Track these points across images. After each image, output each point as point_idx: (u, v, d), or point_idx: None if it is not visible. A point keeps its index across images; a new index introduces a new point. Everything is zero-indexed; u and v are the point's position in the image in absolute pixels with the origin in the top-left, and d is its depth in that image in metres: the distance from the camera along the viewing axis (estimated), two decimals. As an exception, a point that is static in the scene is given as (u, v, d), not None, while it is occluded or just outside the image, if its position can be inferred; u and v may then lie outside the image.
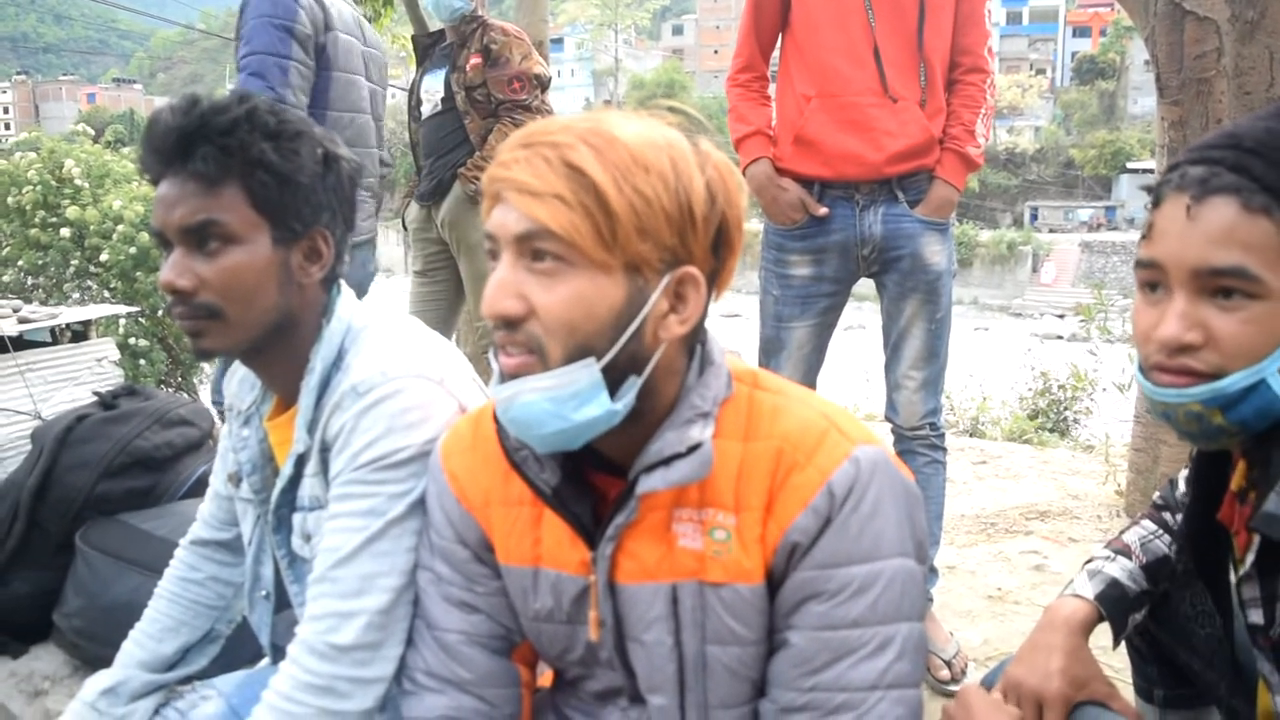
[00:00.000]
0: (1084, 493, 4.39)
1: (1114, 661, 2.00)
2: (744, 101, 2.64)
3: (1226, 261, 1.06)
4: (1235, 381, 1.07)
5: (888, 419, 2.70)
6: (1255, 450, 1.16)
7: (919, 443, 2.64)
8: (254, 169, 1.34)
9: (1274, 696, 1.17)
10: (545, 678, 1.41)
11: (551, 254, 1.03)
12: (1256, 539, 1.13)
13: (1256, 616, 1.16)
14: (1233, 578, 1.25)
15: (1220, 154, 1.09)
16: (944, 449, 2.68)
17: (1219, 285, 1.07)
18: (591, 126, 1.05)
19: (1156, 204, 1.14)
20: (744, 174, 2.58)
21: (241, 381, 1.61)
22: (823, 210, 2.49)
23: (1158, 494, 1.56)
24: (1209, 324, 1.08)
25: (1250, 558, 1.14)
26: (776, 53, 2.67)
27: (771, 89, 2.69)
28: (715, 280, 1.13)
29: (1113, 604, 1.39)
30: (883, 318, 2.62)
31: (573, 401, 1.05)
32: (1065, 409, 7.43)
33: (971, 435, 6.49)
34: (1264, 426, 1.11)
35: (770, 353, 2.67)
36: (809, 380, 2.65)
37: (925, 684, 2.47)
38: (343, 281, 1.52)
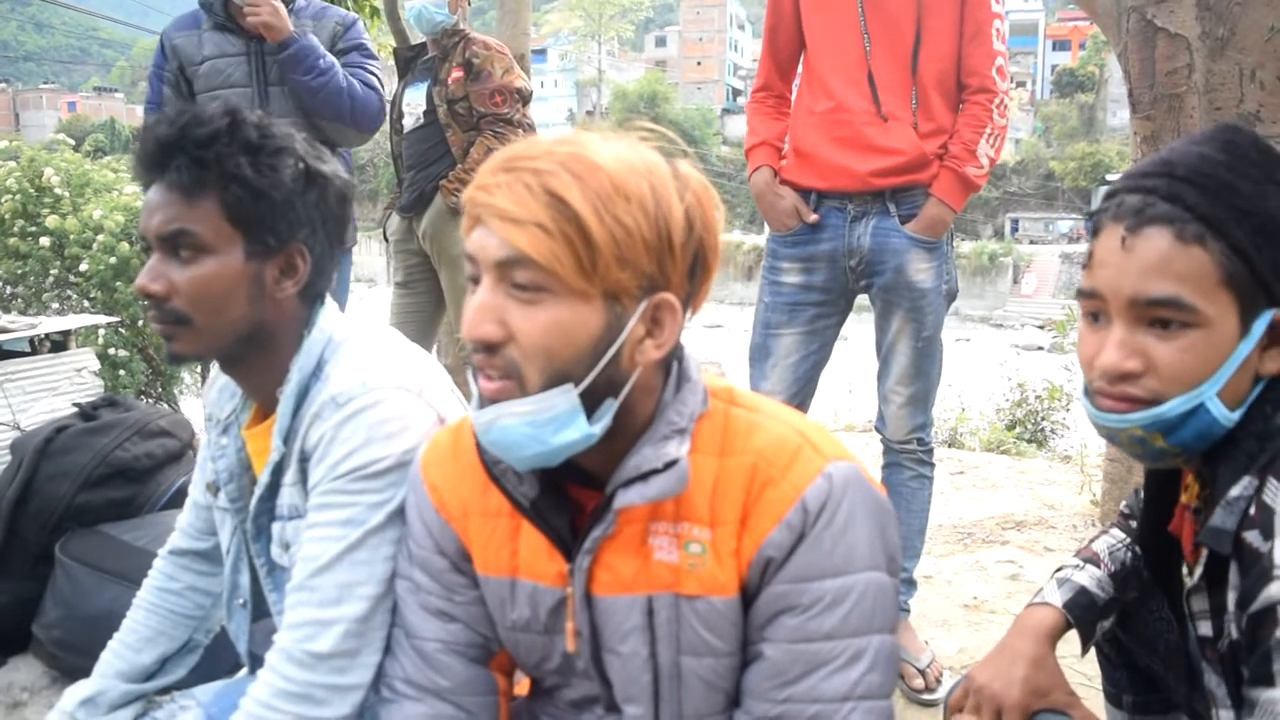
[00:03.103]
0: (1060, 503, 4.43)
1: (1086, 669, 2.03)
2: (756, 116, 2.74)
3: (1161, 292, 1.08)
4: (1174, 407, 1.10)
5: (876, 430, 2.73)
6: (1204, 468, 1.19)
7: (906, 456, 2.67)
8: (229, 182, 1.36)
9: (1217, 710, 1.19)
10: (522, 686, 1.43)
11: (532, 281, 1.04)
12: (1205, 552, 1.15)
13: (1206, 629, 1.19)
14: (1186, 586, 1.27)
15: (1154, 183, 1.11)
16: (931, 464, 2.71)
17: (1155, 316, 1.10)
18: (573, 151, 1.06)
19: (1095, 232, 1.16)
20: (750, 180, 2.69)
21: (221, 390, 1.62)
22: (813, 217, 2.54)
23: (1125, 503, 1.59)
24: (1148, 352, 1.11)
25: (1199, 571, 1.17)
26: None
27: None
28: (690, 303, 1.15)
29: (1081, 611, 1.41)
30: (875, 332, 2.65)
31: (551, 426, 1.07)
32: (1042, 420, 7.49)
33: (950, 445, 6.53)
34: (1205, 447, 1.14)
35: (757, 360, 2.69)
36: (801, 393, 2.66)
37: (900, 693, 2.49)
38: (327, 295, 1.53)
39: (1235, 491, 1.10)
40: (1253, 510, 1.08)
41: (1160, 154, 1.15)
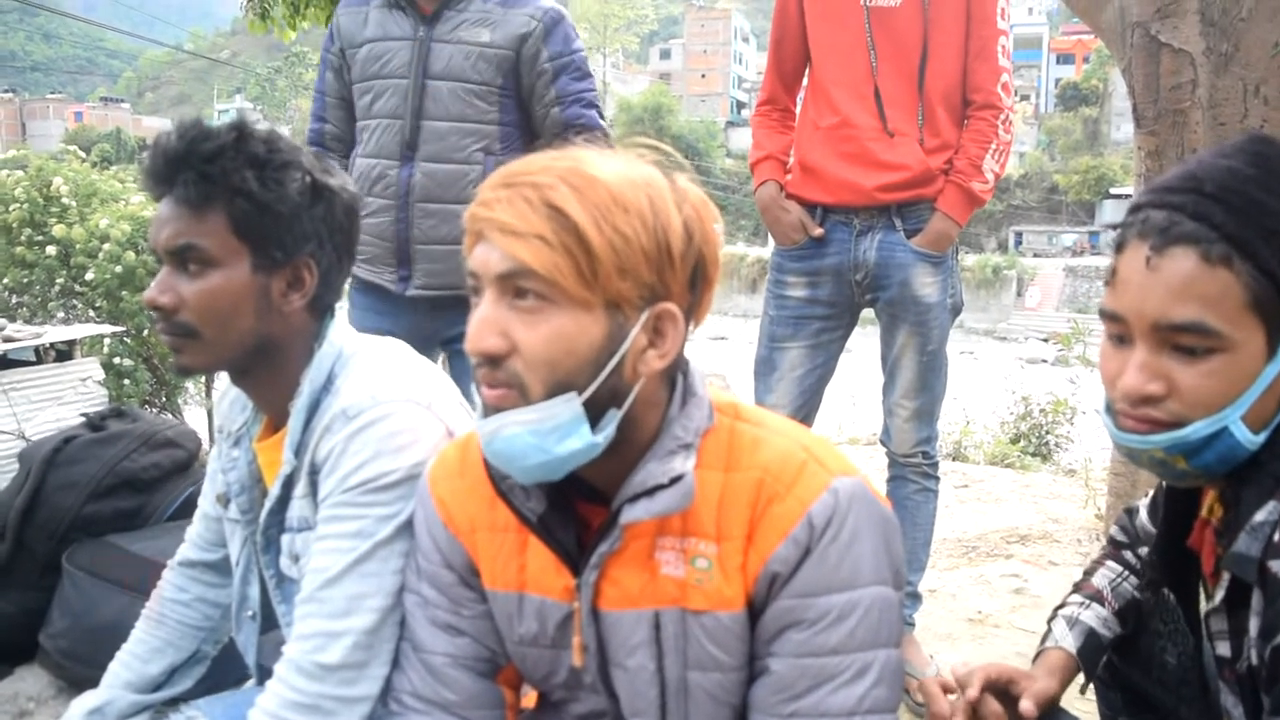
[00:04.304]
0: (1064, 516, 4.43)
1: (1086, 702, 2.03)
2: (761, 129, 2.75)
3: (1185, 317, 1.06)
4: (1197, 430, 1.08)
5: (882, 443, 2.74)
6: (1226, 490, 1.17)
7: (911, 470, 2.68)
8: (235, 196, 1.37)
9: None
10: (529, 699, 1.43)
11: (534, 292, 1.06)
12: (1226, 576, 1.14)
13: (1224, 649, 1.18)
14: (1202, 604, 1.27)
15: (1181, 199, 1.08)
16: (936, 478, 2.71)
17: (1179, 341, 1.07)
18: (571, 166, 1.07)
19: (1119, 248, 1.13)
20: (755, 194, 2.69)
21: (233, 403, 1.63)
22: (818, 231, 2.55)
23: (1115, 527, 1.58)
24: (1171, 375, 1.09)
25: (1220, 594, 1.16)
26: None
27: None
28: (692, 314, 1.16)
29: (1091, 654, 1.41)
30: (880, 345, 2.66)
31: (554, 435, 1.08)
32: (1047, 433, 7.48)
33: (954, 459, 6.53)
34: (1226, 470, 1.12)
35: (763, 374, 2.70)
36: (806, 406, 2.67)
37: (904, 707, 2.49)
38: (336, 308, 1.54)
39: (1260, 517, 1.08)
40: (1277, 537, 1.06)
41: (1188, 166, 1.12)
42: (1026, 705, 1.27)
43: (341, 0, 2.75)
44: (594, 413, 1.09)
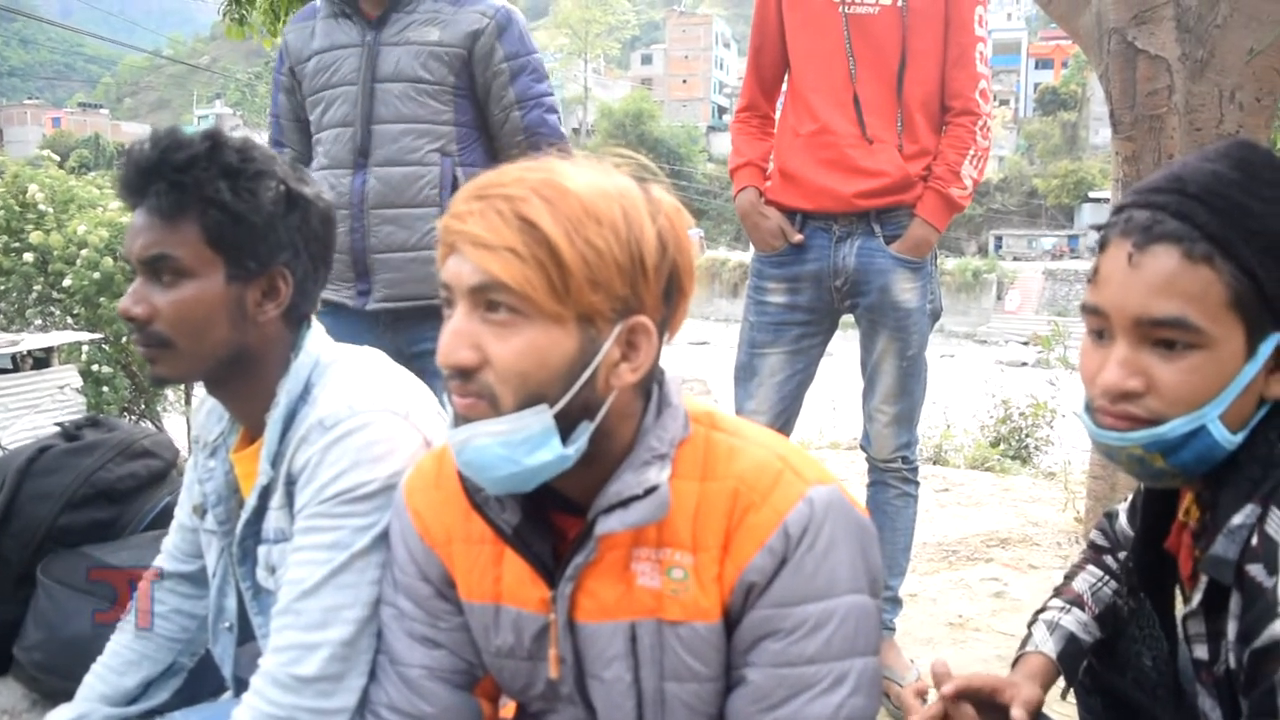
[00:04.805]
0: (1044, 520, 4.45)
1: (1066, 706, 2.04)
2: (740, 136, 2.76)
3: (1166, 312, 1.06)
4: (1175, 427, 1.08)
5: (862, 448, 2.74)
6: (1204, 492, 1.18)
7: (891, 475, 2.68)
8: (208, 207, 1.36)
9: None
10: (507, 710, 1.42)
11: (505, 305, 1.05)
12: (1204, 579, 1.14)
13: (1201, 652, 1.18)
14: (1179, 607, 1.27)
15: (1164, 199, 1.09)
16: (916, 482, 2.72)
17: (1160, 336, 1.08)
18: (544, 178, 1.07)
19: (1103, 247, 1.14)
20: (735, 201, 2.69)
21: (209, 413, 1.62)
22: (798, 237, 2.56)
23: (1096, 531, 1.58)
24: (1150, 372, 1.09)
25: (1197, 597, 1.16)
26: None
27: None
28: (666, 326, 1.16)
29: (1071, 660, 1.41)
30: (860, 351, 2.67)
31: (525, 446, 1.07)
32: (1026, 436, 7.52)
33: (935, 463, 6.55)
34: (1204, 470, 1.12)
35: (742, 379, 2.70)
36: (786, 411, 2.68)
37: (885, 712, 2.50)
38: (314, 318, 1.53)
39: (1237, 520, 1.09)
40: (1255, 541, 1.06)
41: (1171, 169, 1.13)
42: (1019, 714, 1.27)
43: (292, 19, 2.70)
44: (566, 425, 1.09)
